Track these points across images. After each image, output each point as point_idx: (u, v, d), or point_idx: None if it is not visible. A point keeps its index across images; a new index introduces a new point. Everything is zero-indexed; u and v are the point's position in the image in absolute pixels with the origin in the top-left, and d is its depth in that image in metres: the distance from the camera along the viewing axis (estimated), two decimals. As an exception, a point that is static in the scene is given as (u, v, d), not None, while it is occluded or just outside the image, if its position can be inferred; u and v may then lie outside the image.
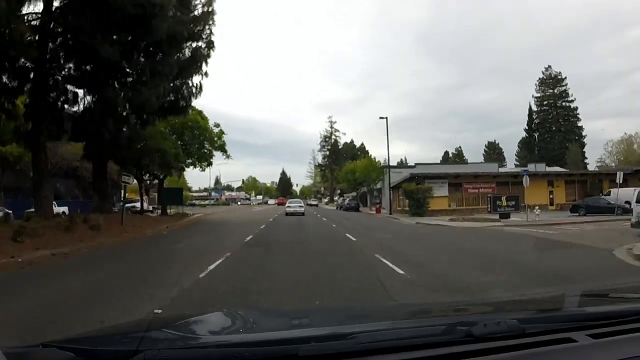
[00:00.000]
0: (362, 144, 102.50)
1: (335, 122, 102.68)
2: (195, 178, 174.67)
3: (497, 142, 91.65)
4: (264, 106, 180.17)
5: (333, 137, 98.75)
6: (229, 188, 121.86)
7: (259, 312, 2.13)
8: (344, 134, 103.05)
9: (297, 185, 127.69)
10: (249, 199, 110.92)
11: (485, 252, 12.05)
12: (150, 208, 43.10)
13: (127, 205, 37.38)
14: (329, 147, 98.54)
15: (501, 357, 1.22)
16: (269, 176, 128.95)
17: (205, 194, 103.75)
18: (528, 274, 8.21)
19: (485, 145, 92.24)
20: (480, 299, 5.44)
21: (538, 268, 8.88)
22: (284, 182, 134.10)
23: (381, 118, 38.51)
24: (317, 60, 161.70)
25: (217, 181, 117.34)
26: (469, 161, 73.80)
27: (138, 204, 40.48)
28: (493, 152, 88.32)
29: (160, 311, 5.26)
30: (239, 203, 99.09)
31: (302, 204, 40.86)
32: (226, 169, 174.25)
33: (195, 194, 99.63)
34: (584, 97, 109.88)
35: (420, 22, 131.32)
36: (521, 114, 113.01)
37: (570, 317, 1.57)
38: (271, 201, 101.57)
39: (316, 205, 76.53)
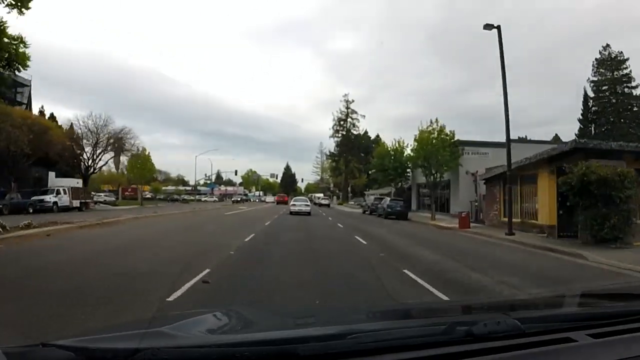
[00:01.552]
0: (378, 136, 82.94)
1: (353, 101, 78.47)
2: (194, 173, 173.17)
3: (528, 138, 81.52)
4: (269, 103, 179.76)
5: (349, 120, 77.66)
6: (230, 183, 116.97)
7: (259, 312, 2.13)
8: (363, 116, 78.84)
9: (302, 180, 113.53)
10: (246, 195, 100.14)
11: None
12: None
13: (35, 198, 27.82)
14: (344, 132, 77.82)
15: (501, 357, 1.22)
16: (274, 171, 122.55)
17: (202, 188, 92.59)
18: None
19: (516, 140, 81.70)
20: (480, 298, 5.44)
21: None
22: (288, 178, 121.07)
23: (488, 27, 19.84)
24: (322, 59, 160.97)
25: (218, 176, 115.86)
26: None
27: (50, 197, 29.83)
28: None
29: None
30: (213, 199, 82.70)
31: (309, 203, 36.47)
32: (230, 165, 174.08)
33: (189, 188, 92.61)
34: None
35: (428, 22, 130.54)
36: (530, 116, 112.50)
37: (570, 317, 1.57)
38: (269, 198, 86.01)
39: (327, 205, 59.49)
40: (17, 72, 14.36)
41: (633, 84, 62.13)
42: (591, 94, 64.74)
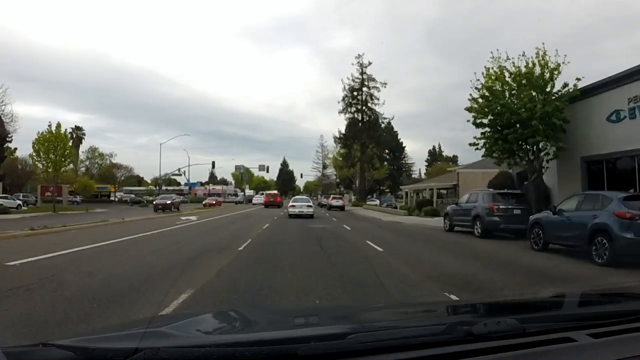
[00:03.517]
0: (390, 123, 61.62)
1: (369, 64, 56.52)
2: (192, 173, 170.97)
3: None
4: (268, 102, 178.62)
5: (365, 90, 56.07)
6: (224, 182, 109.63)
7: (259, 312, 2.13)
8: (384, 84, 56.40)
9: (301, 176, 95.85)
10: (236, 195, 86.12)
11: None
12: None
13: None
14: (359, 107, 56.44)
15: (501, 357, 1.22)
16: (272, 173, 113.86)
17: (179, 187, 74.52)
18: None
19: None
20: (480, 299, 5.44)
21: None
22: (285, 175, 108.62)
23: None
24: (321, 57, 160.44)
25: (212, 175, 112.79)
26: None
27: None
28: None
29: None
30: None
31: (310, 203, 29.21)
32: (229, 165, 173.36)
33: (176, 188, 78.37)
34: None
35: (428, 19, 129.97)
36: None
37: (570, 317, 1.58)
38: (258, 198, 62.61)
39: (342, 208, 41.03)
40: None
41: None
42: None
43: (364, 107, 56.36)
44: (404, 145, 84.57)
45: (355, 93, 56.53)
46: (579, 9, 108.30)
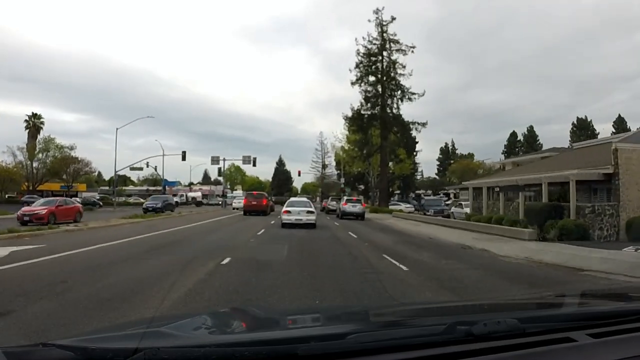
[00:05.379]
0: (401, 115, 44.79)
1: (392, 19, 41.89)
2: (181, 172, 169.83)
3: (589, 120, 65.03)
4: (265, 103, 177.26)
5: (386, 54, 41.72)
6: (216, 182, 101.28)
7: (259, 312, 2.13)
8: (412, 48, 41.14)
9: (299, 174, 76.71)
10: (226, 196, 69.32)
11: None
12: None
13: None
14: (379, 76, 41.76)
15: (501, 357, 1.22)
16: (267, 174, 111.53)
17: (140, 188, 68.17)
18: None
19: (573, 124, 67.06)
20: (480, 298, 5.43)
21: None
22: (281, 174, 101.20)
23: None
24: (321, 57, 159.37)
25: (206, 175, 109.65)
26: (479, 159, 53.79)
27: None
28: (584, 132, 60.43)
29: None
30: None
31: (312, 208, 22.01)
32: (225, 166, 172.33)
33: (156, 189, 68.50)
34: (591, 100, 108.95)
35: (428, 20, 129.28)
36: (530, 114, 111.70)
37: (570, 317, 1.58)
38: (237, 202, 47.06)
39: (360, 215, 29.50)
40: None
41: None
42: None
43: (385, 78, 41.48)
44: (417, 140, 73.36)
45: (373, 59, 41.57)
46: (577, 10, 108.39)
